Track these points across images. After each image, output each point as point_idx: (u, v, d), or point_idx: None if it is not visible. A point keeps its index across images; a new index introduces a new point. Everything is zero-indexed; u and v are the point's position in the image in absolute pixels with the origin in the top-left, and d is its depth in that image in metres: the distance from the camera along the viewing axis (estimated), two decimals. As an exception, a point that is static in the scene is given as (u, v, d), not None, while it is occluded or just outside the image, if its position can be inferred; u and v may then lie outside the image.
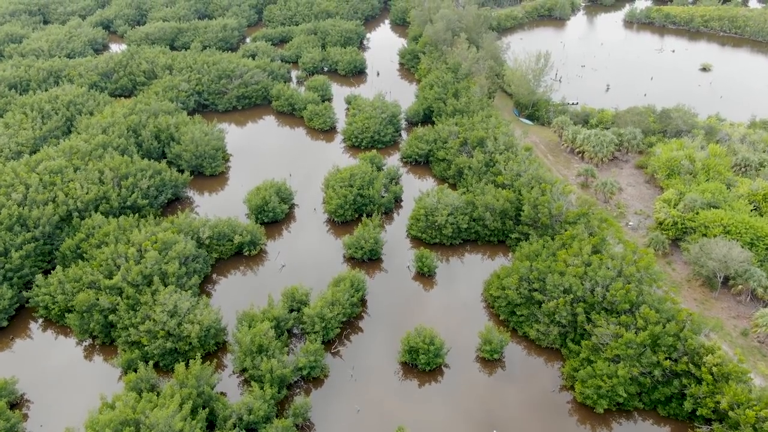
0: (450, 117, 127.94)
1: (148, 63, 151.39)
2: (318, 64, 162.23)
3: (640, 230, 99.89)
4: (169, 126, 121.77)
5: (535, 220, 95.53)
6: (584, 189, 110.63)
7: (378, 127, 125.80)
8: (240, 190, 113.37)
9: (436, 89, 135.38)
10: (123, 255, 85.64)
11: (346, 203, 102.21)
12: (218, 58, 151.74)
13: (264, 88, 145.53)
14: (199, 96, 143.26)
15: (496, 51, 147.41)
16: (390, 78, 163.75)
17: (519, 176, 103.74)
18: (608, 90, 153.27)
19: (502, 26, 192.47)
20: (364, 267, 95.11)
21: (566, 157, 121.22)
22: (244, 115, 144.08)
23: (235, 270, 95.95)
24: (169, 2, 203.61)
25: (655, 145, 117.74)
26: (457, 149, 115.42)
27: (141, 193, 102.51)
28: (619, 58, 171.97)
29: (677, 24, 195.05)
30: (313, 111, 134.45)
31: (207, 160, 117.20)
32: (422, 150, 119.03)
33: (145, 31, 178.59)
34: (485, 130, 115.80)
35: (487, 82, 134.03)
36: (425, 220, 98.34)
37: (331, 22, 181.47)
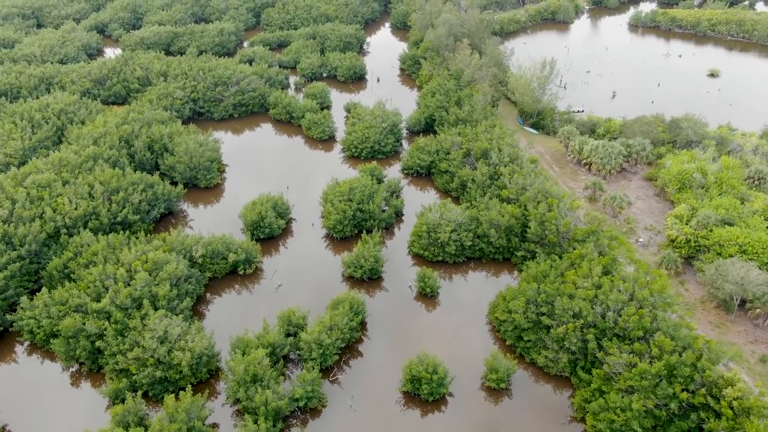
0: (452, 126, 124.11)
1: (143, 69, 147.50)
2: (317, 69, 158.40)
3: (651, 247, 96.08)
4: (163, 136, 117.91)
5: (541, 237, 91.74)
6: (592, 203, 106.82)
7: (378, 137, 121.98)
8: (236, 203, 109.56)
9: (438, 97, 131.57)
10: (112, 276, 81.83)
11: (345, 218, 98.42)
12: (214, 64, 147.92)
13: (261, 95, 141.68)
14: (195, 104, 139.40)
15: (499, 57, 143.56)
16: (390, 84, 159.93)
17: (524, 190, 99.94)
18: (614, 97, 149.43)
19: (505, 30, 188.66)
20: (363, 286, 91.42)
21: (572, 168, 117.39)
22: (241, 123, 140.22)
23: (230, 289, 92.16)
24: (165, 5, 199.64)
25: (665, 156, 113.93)
26: (460, 161, 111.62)
27: (132, 208, 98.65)
28: (625, 63, 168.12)
29: (683, 28, 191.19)
30: (311, 120, 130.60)
31: (201, 172, 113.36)
32: (424, 161, 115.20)
33: (140, 36, 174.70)
34: (489, 141, 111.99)
35: (491, 90, 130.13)
36: (427, 237, 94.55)
37: (330, 26, 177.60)
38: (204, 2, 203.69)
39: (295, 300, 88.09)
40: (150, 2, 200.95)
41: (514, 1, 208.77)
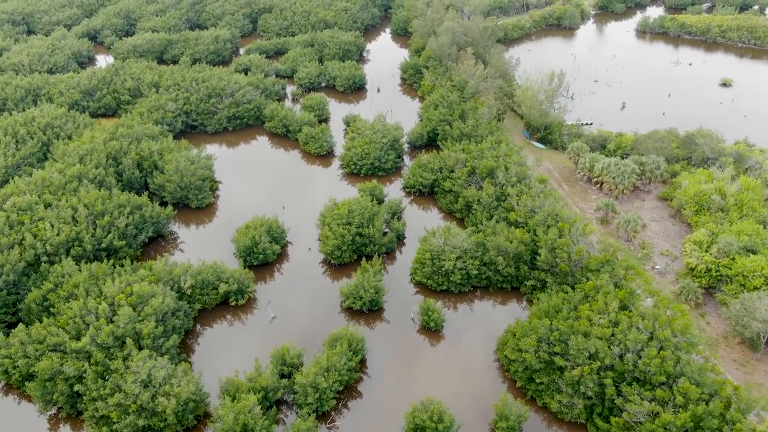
0: (456, 141, 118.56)
1: (134, 80, 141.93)
2: (315, 79, 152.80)
3: (668, 275, 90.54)
4: (153, 153, 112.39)
5: (552, 265, 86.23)
6: (604, 225, 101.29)
7: (378, 153, 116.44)
8: (228, 225, 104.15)
9: (441, 110, 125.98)
10: (93, 311, 76.31)
11: (343, 244, 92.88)
12: (208, 74, 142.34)
13: (257, 107, 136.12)
14: (187, 116, 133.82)
15: (504, 67, 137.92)
16: (391, 94, 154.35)
17: (533, 213, 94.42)
18: (624, 108, 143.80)
19: (509, 37, 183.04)
20: (363, 318, 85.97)
21: (583, 186, 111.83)
22: (236, 136, 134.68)
23: (221, 321, 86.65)
24: (159, 11, 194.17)
25: (680, 175, 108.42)
26: (465, 180, 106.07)
27: (118, 232, 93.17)
28: (634, 72, 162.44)
29: (693, 34, 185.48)
30: (308, 134, 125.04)
31: (193, 192, 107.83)
32: (426, 180, 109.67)
33: (132, 43, 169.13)
34: (495, 159, 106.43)
35: (496, 103, 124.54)
36: (431, 265, 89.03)
37: (329, 33, 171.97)
38: (199, 8, 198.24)
39: (290, 333, 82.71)
40: (143, 8, 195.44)
41: (518, 6, 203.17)
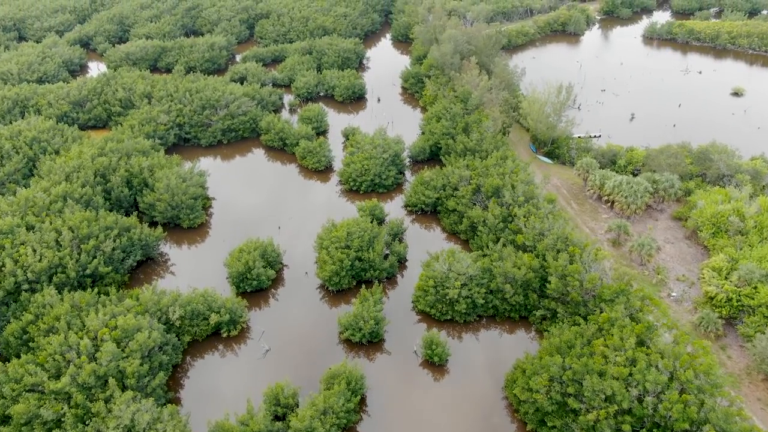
0: (460, 157, 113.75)
1: (125, 90, 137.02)
2: (313, 89, 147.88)
3: (686, 303, 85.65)
4: (143, 170, 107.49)
5: (563, 293, 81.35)
6: (616, 248, 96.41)
7: (379, 169, 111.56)
8: (221, 246, 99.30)
9: (444, 123, 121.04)
10: (75, 347, 71.43)
11: (342, 269, 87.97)
12: (202, 84, 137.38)
13: (252, 119, 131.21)
14: (180, 129, 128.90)
15: (509, 78, 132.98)
16: (392, 104, 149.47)
17: (542, 236, 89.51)
18: (633, 119, 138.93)
19: (513, 43, 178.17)
20: (362, 350, 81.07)
21: (592, 204, 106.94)
22: (230, 149, 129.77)
23: (212, 353, 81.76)
24: (153, 17, 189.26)
25: (694, 193, 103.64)
26: (469, 198, 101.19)
27: (104, 257, 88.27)
28: (642, 81, 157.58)
29: (701, 41, 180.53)
30: (306, 148, 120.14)
31: (184, 211, 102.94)
32: (429, 198, 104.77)
33: (125, 51, 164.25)
34: (501, 177, 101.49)
35: (502, 116, 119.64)
36: (434, 293, 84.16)
37: (327, 40, 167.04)
38: (195, 13, 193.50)
39: (285, 367, 77.99)
40: (138, 14, 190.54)
41: (521, 12, 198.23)
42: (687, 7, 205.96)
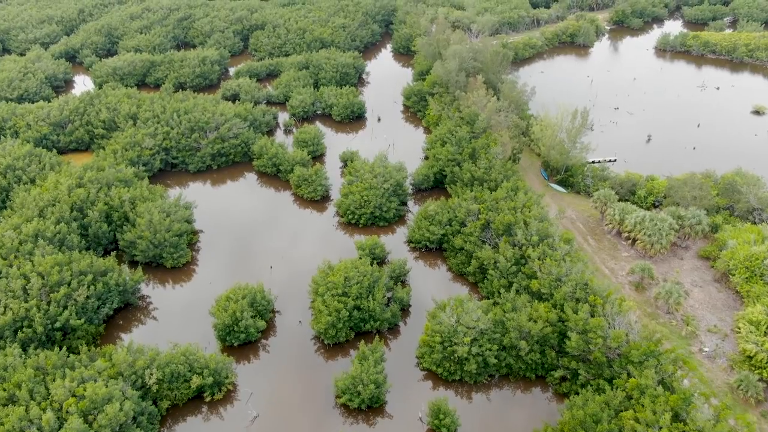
0: (467, 186, 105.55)
1: (109, 110, 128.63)
2: (309, 107, 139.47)
3: (720, 359, 77.28)
4: (124, 203, 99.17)
5: (584, 351, 73.08)
6: (639, 292, 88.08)
7: (379, 200, 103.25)
8: (208, 290, 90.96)
9: (449, 148, 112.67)
10: (36, 421, 63.10)
11: (339, 321, 79.66)
12: (191, 104, 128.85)
13: (244, 142, 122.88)
14: (167, 154, 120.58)
15: (518, 98, 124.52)
16: (393, 123, 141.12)
17: (559, 282, 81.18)
18: (649, 141, 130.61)
19: (520, 56, 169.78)
20: (361, 416, 72.69)
21: (611, 241, 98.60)
22: (221, 176, 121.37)
23: (194, 418, 73.34)
24: (143, 28, 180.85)
25: (722, 228, 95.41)
26: (478, 236, 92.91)
27: (76, 307, 79.92)
28: (657, 97, 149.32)
29: (717, 53, 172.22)
30: (301, 176, 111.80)
31: (167, 250, 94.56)
32: (434, 235, 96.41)
33: (112, 66, 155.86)
34: (512, 212, 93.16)
35: (511, 141, 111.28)
36: (441, 350, 75.81)
37: (325, 54, 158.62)
38: (187, 24, 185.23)
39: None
40: (127, 25, 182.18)
41: (528, 22, 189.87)
42: (700, 17, 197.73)
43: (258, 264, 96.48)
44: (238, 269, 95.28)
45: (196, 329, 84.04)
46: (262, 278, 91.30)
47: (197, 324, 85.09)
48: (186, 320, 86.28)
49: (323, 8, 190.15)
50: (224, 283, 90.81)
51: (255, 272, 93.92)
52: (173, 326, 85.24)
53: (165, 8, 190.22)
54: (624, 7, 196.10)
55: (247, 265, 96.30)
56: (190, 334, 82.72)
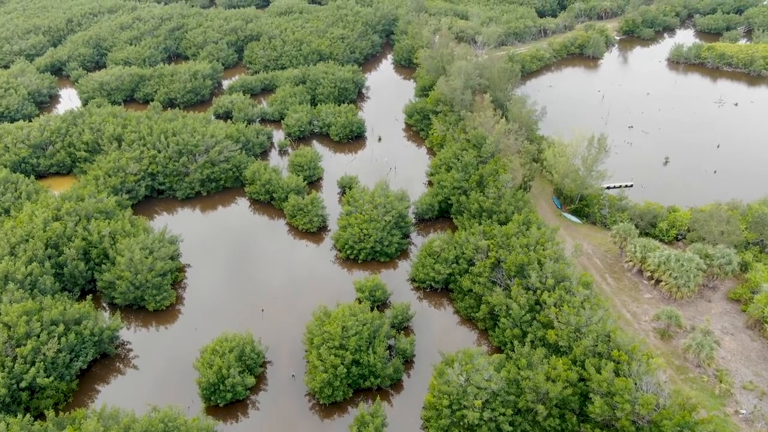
0: (474, 218, 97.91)
1: (93, 131, 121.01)
2: (305, 126, 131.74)
3: (758, 423, 69.60)
4: (103, 238, 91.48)
5: (610, 417, 65.40)
6: (665, 341, 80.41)
7: (380, 234, 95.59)
8: (193, 336, 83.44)
9: (455, 174, 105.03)
10: (-9, 508, 55.52)
11: (336, 378, 72.02)
12: (180, 124, 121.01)
13: (236, 166, 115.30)
14: (153, 179, 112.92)
15: (528, 119, 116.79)
16: (394, 143, 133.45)
17: (579, 334, 73.44)
18: (667, 163, 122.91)
19: (527, 69, 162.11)
20: (361, 491, 65.05)
21: (632, 280, 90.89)
22: (211, 203, 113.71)
23: (174, 492, 65.70)
24: (134, 39, 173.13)
25: (753, 267, 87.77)
26: (488, 276, 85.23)
27: (45, 363, 72.24)
28: (672, 114, 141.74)
29: (733, 66, 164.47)
30: (296, 205, 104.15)
31: (149, 291, 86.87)
32: (440, 275, 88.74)
33: (99, 80, 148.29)
34: (525, 250, 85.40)
35: (522, 169, 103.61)
36: (449, 414, 68.11)
37: (323, 68, 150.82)
38: (179, 35, 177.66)
39: None
40: (116, 35, 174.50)
41: (534, 32, 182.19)
42: (713, 27, 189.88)
43: (248, 306, 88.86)
44: (227, 312, 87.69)
45: (179, 384, 76.62)
46: (252, 324, 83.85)
47: (180, 377, 77.60)
48: (168, 373, 78.74)
49: (321, 18, 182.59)
50: (211, 329, 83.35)
51: (245, 316, 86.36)
52: (154, 380, 77.74)
53: (156, 17, 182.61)
54: (634, 16, 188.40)
55: (237, 306, 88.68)
56: (172, 391, 75.35)
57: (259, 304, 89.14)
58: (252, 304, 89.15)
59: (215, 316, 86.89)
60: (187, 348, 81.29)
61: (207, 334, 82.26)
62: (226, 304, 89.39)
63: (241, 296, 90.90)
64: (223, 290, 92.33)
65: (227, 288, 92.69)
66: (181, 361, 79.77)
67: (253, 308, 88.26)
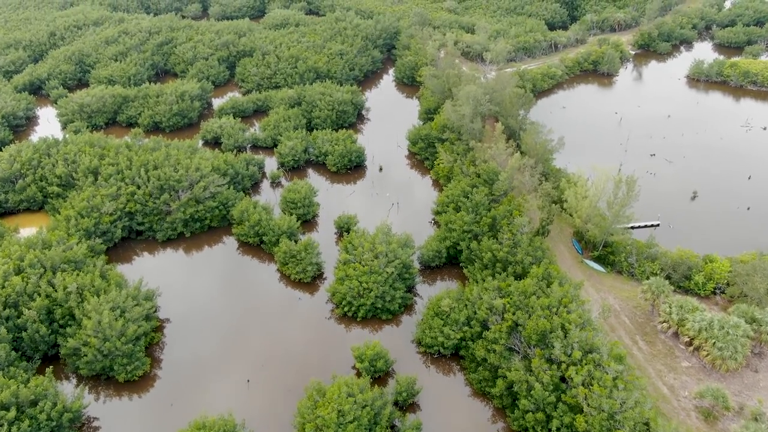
0: (486, 269, 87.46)
1: (67, 164, 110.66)
2: (300, 155, 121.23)
3: None
4: (69, 295, 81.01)
5: None
6: (709, 423, 69.88)
7: (382, 288, 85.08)
8: (167, 414, 73.07)
9: (465, 216, 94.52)
10: None
11: (330, 477, 61.66)
12: (162, 155, 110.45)
13: (223, 204, 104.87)
14: (131, 219, 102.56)
15: (544, 151, 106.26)
16: (397, 173, 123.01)
17: (614, 422, 63.03)
18: (695, 198, 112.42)
19: (539, 88, 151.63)
20: None
21: (666, 344, 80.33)
22: (195, 244, 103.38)
23: None
24: (119, 54, 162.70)
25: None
26: (504, 342, 74.77)
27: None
28: (696, 140, 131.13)
29: (759, 84, 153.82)
30: (288, 252, 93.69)
31: (119, 360, 76.38)
32: (449, 340, 78.25)
33: (79, 102, 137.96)
34: (546, 313, 74.90)
35: (541, 212, 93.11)
36: None
37: (320, 88, 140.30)
38: (167, 50, 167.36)
39: None
40: (101, 51, 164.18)
41: (545, 47, 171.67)
42: (733, 40, 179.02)
43: (232, 374, 78.44)
44: (208, 383, 77.37)
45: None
46: (236, 399, 73.71)
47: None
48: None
49: (318, 32, 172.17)
50: (189, 406, 73.16)
51: (228, 389, 75.98)
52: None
53: (144, 31, 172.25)
54: (650, 29, 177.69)
55: (219, 376, 78.24)
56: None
57: (245, 371, 78.72)
58: (237, 371, 78.68)
59: (194, 388, 76.53)
60: (161, 428, 70.86)
61: (184, 411, 71.96)
62: (207, 371, 78.99)
63: (224, 361, 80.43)
64: (205, 353, 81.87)
65: (209, 351, 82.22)
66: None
67: (238, 378, 77.85)
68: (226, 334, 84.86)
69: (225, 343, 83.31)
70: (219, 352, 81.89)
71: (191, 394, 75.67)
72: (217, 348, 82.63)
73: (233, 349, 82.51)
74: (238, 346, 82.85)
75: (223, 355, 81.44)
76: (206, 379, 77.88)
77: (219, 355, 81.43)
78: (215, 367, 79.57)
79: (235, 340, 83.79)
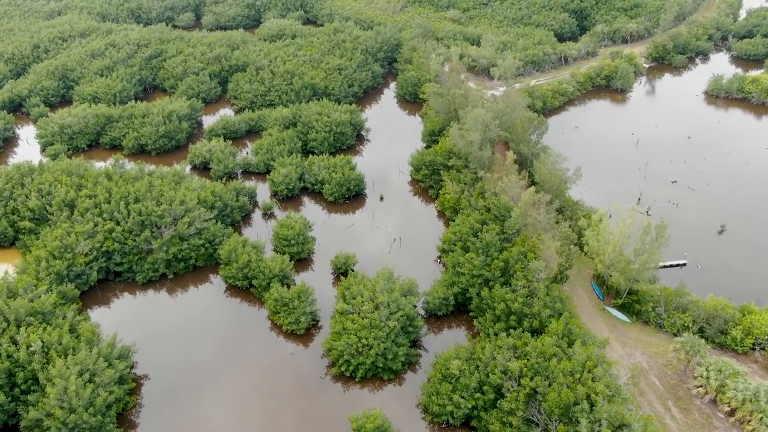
0: (499, 321, 78.74)
1: (41, 196, 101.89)
2: (295, 183, 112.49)
3: None
4: (33, 356, 72.25)
5: None
6: None
7: (383, 345, 76.27)
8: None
9: (474, 259, 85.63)
10: None
11: None
12: (144, 186, 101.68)
13: (209, 241, 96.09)
14: (108, 260, 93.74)
15: (560, 184, 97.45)
16: (399, 202, 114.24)
17: None
18: (722, 232, 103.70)
19: (549, 106, 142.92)
20: None
21: (703, 412, 71.53)
22: (178, 285, 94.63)
23: None
24: (105, 69, 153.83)
25: None
26: (522, 414, 66.07)
27: None
28: (720, 165, 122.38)
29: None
30: (279, 300, 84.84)
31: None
32: (459, 409, 69.50)
33: (60, 123, 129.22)
34: (569, 380, 66.17)
35: (559, 257, 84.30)
36: None
37: (316, 108, 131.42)
38: (156, 63, 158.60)
39: None
40: (86, 65, 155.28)
41: (554, 60, 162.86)
42: (752, 53, 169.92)
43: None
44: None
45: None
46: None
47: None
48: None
49: (316, 44, 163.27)
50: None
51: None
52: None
53: (132, 43, 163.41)
54: (664, 40, 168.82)
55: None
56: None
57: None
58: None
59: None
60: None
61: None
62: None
63: (206, 424, 71.64)
64: (183, 420, 73.05)
65: (189, 420, 73.36)
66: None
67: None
68: (209, 395, 76.10)
69: (206, 411, 74.45)
70: (199, 422, 73.02)
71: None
72: (200, 415, 73.82)
73: (215, 415, 73.73)
74: (221, 412, 74.07)
75: (205, 423, 72.64)
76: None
77: (200, 424, 72.60)
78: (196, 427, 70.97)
79: (218, 406, 74.97)
